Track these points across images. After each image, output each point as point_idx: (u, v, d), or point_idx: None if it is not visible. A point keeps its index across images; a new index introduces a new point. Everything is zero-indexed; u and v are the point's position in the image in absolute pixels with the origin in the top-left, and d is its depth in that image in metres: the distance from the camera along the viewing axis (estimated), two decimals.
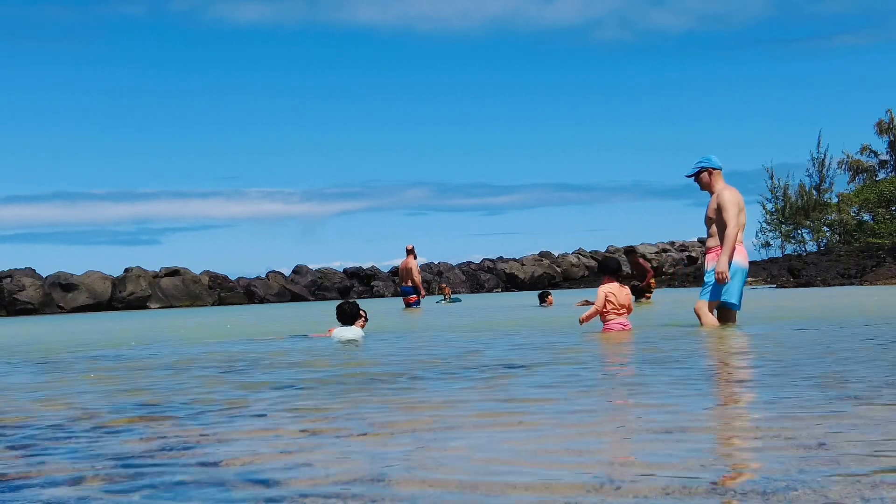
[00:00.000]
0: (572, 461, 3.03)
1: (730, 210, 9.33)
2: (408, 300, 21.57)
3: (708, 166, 9.59)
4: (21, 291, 34.31)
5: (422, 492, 2.69)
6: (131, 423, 4.18)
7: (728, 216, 9.33)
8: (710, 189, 9.62)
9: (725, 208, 9.35)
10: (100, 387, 5.89)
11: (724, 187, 9.55)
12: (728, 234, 9.32)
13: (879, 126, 44.71)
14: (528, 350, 7.66)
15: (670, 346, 7.55)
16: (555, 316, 14.23)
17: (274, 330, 12.49)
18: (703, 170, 9.61)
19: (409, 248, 21.75)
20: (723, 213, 9.38)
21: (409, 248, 21.76)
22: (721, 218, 9.41)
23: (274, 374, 6.27)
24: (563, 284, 45.19)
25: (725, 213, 9.35)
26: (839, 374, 5.12)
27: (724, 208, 9.36)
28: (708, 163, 9.59)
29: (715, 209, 9.49)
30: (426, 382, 5.46)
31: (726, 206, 9.35)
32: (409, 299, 21.56)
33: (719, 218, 9.44)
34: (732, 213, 9.34)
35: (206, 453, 3.38)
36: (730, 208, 9.34)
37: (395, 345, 8.84)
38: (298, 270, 42.01)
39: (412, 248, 21.77)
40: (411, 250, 21.75)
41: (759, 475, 2.74)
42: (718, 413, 4.12)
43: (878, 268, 29.74)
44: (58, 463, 3.30)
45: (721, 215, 9.41)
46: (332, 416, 4.23)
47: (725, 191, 9.50)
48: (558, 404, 4.34)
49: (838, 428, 3.45)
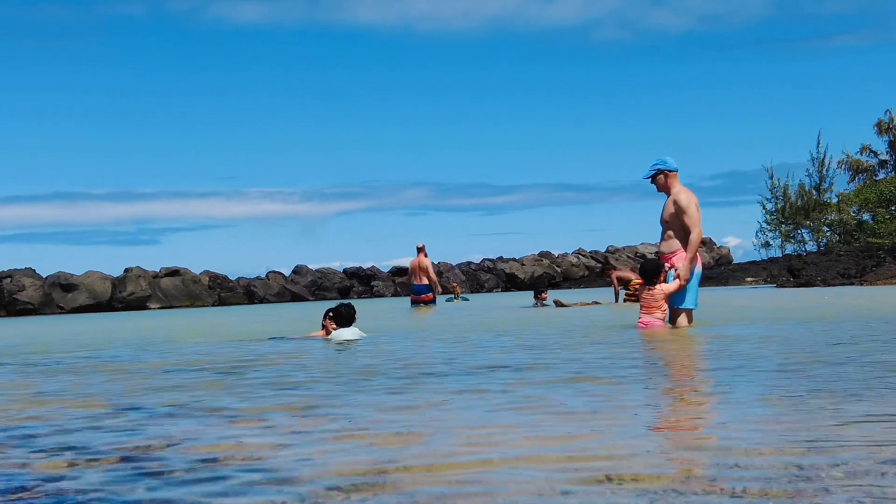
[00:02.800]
0: (574, 457, 3.03)
1: (693, 214, 9.21)
2: (422, 298, 21.37)
3: (664, 168, 9.46)
4: (21, 291, 34.31)
5: (422, 488, 2.69)
6: (129, 424, 4.19)
7: (692, 221, 9.21)
8: (667, 191, 9.48)
9: (687, 212, 9.22)
10: (103, 386, 5.89)
11: (680, 189, 9.41)
12: (693, 239, 9.20)
13: (879, 126, 44.67)
14: (529, 350, 7.66)
15: (671, 346, 7.56)
16: (557, 315, 14.23)
17: (263, 331, 12.49)
18: (660, 172, 9.48)
19: (420, 246, 21.62)
20: (683, 216, 9.24)
21: (419, 246, 21.62)
22: (681, 221, 9.27)
23: (274, 375, 6.27)
24: (564, 284, 45.17)
25: (688, 217, 9.21)
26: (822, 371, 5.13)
27: (685, 212, 9.23)
28: (664, 164, 9.46)
29: (672, 212, 9.35)
30: (431, 380, 5.46)
31: (687, 210, 9.22)
32: (423, 297, 21.38)
33: (677, 221, 9.31)
34: (696, 216, 9.22)
35: (206, 452, 3.38)
36: (692, 212, 9.22)
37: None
38: (298, 270, 42.00)
39: (423, 246, 21.67)
40: (422, 248, 21.64)
41: (758, 473, 2.75)
42: (718, 413, 4.12)
43: (878, 268, 29.73)
44: (53, 459, 3.30)
45: (681, 218, 9.26)
46: (333, 415, 4.23)
47: (682, 193, 9.35)
48: (559, 404, 4.35)
49: (838, 428, 3.46)
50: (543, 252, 48.68)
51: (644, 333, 8.75)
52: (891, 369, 5.29)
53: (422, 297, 21.40)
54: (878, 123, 44.69)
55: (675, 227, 9.35)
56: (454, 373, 5.91)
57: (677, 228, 9.33)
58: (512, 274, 45.70)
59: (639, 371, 5.91)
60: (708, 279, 34.94)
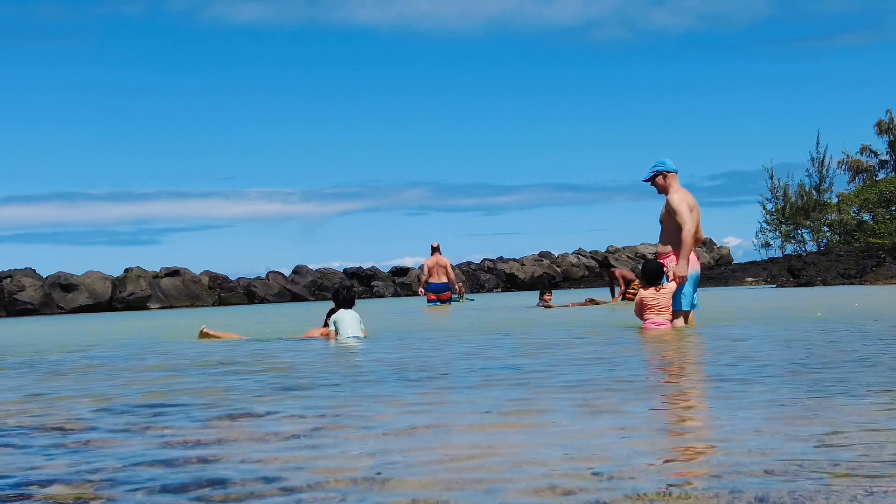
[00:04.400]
0: (574, 459, 3.03)
1: (683, 213, 9.20)
2: (442, 296, 21.25)
3: (663, 169, 9.47)
4: (21, 292, 34.31)
5: (423, 490, 2.69)
6: (128, 424, 4.19)
7: (682, 218, 9.20)
8: (666, 192, 9.51)
9: (678, 211, 9.23)
10: (100, 385, 5.89)
11: (675, 190, 9.43)
12: (684, 237, 9.17)
13: (879, 126, 44.69)
14: (530, 350, 7.66)
15: (670, 347, 7.57)
16: (558, 315, 14.23)
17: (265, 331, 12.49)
18: (659, 173, 9.50)
19: (435, 245, 21.50)
20: (675, 215, 9.25)
21: (434, 245, 21.50)
22: (674, 220, 9.28)
23: (273, 374, 6.27)
24: (564, 284, 45.15)
25: (679, 216, 9.21)
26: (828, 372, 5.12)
27: (676, 211, 9.24)
28: (663, 166, 9.48)
29: (666, 213, 9.37)
30: (432, 380, 5.46)
31: (678, 209, 9.23)
32: (443, 296, 21.26)
33: (672, 221, 9.32)
34: (687, 215, 9.20)
35: (206, 453, 3.38)
36: (683, 210, 9.22)
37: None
38: (298, 271, 42.01)
39: (438, 245, 21.52)
40: (437, 247, 21.49)
41: (758, 473, 2.74)
42: (718, 414, 4.12)
43: (879, 268, 29.73)
44: (56, 464, 3.30)
45: (674, 218, 9.27)
46: (334, 414, 4.23)
47: (675, 193, 9.38)
48: (559, 403, 4.35)
49: (838, 428, 3.46)
50: (543, 252, 48.66)
51: (649, 335, 8.74)
52: (891, 369, 5.29)
53: (441, 296, 21.30)
54: (878, 123, 44.71)
55: (670, 228, 9.37)
56: (454, 373, 5.91)
57: (673, 229, 9.35)
58: (512, 274, 45.70)
59: (639, 372, 5.92)
60: (708, 279, 34.97)
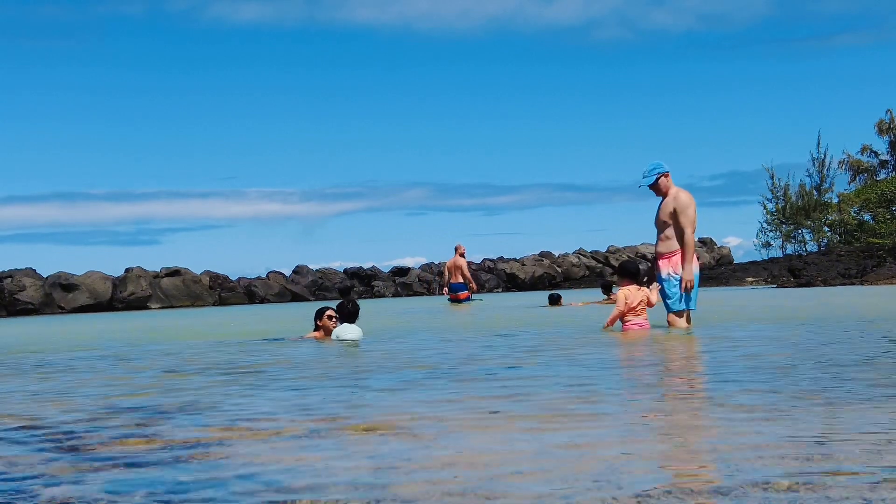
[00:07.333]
0: (574, 460, 3.03)
1: (691, 215, 9.23)
2: (460, 296, 21.96)
3: (662, 171, 9.48)
4: (21, 291, 34.32)
5: (424, 492, 2.69)
6: (128, 425, 4.18)
7: (688, 221, 9.22)
8: (666, 193, 9.49)
9: (686, 212, 9.23)
10: (97, 387, 5.89)
11: (678, 190, 9.44)
12: (688, 240, 9.20)
13: (879, 126, 44.69)
14: (531, 351, 7.66)
15: (671, 348, 7.56)
16: (561, 315, 14.24)
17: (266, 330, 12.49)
18: (661, 175, 9.48)
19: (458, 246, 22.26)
20: (681, 216, 9.25)
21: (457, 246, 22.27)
22: (678, 222, 9.28)
23: (273, 374, 6.27)
24: (564, 284, 45.14)
25: (685, 217, 9.22)
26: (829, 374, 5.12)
27: (685, 212, 9.24)
28: (661, 168, 9.48)
29: (671, 213, 9.33)
30: (431, 382, 5.46)
31: (687, 211, 9.24)
32: (460, 295, 21.96)
33: (675, 222, 9.31)
34: (693, 217, 9.23)
35: (207, 454, 3.38)
36: (691, 213, 9.24)
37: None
38: (299, 270, 42.02)
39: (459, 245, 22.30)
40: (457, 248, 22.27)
41: (758, 474, 2.74)
42: (717, 413, 4.12)
43: (879, 268, 29.72)
44: (57, 464, 3.30)
45: (678, 218, 9.27)
46: (332, 417, 4.23)
47: (682, 193, 9.38)
48: (560, 404, 4.34)
49: (838, 430, 3.45)
50: (544, 252, 48.66)
51: (639, 336, 8.73)
52: (891, 370, 5.29)
53: (459, 295, 22.07)
54: (879, 123, 44.71)
55: (675, 228, 9.36)
56: (454, 373, 5.91)
57: (673, 229, 9.35)
58: (512, 274, 45.70)
59: (639, 373, 5.91)
60: (708, 279, 34.93)
